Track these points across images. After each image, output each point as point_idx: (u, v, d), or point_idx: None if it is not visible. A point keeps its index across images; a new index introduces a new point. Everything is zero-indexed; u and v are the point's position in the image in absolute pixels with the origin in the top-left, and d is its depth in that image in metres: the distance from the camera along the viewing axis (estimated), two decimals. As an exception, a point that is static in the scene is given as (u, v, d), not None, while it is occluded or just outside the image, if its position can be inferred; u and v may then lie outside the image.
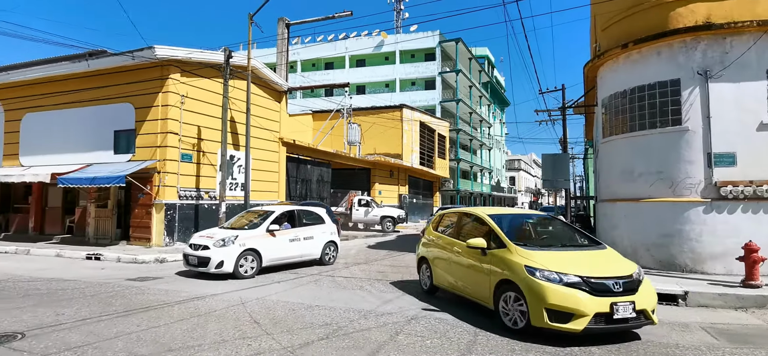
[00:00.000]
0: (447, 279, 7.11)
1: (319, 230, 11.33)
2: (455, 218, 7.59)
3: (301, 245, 10.68)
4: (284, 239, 10.36)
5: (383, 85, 48.21)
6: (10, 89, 17.56)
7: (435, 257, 7.54)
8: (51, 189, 17.23)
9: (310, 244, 10.94)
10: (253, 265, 9.61)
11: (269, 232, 10.07)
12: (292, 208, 11.46)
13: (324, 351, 4.80)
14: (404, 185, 33.41)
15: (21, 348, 4.81)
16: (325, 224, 11.60)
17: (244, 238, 9.61)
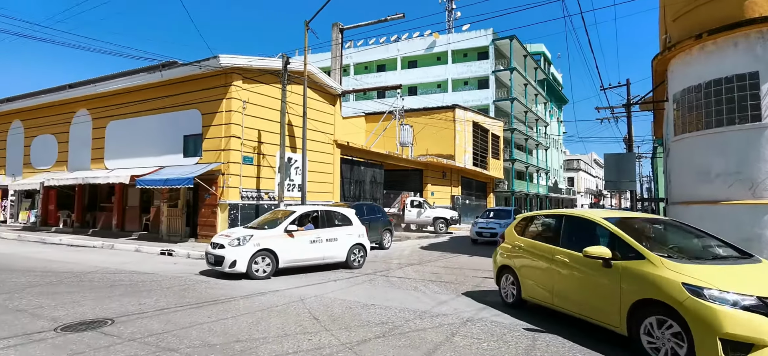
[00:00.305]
0: (541, 292, 6.23)
1: (345, 232, 10.84)
2: (552, 222, 6.65)
3: (322, 247, 10.28)
4: (304, 240, 10.00)
5: (435, 86, 47.96)
6: (97, 99, 19.42)
7: (524, 267, 6.71)
8: (130, 190, 18.83)
9: (333, 246, 10.48)
10: (268, 266, 9.40)
11: (287, 232, 9.77)
12: (316, 208, 11.09)
13: (381, 348, 4.92)
14: (457, 186, 33.03)
15: (111, 332, 5.35)
16: (353, 226, 11.14)
17: (260, 238, 9.44)
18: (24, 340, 5.03)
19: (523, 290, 6.69)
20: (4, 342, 4.97)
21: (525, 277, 6.67)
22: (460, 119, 32.15)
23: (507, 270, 7.18)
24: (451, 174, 32.08)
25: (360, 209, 15.39)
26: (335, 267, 10.81)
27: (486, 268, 11.36)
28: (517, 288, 6.83)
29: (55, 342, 4.96)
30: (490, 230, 17.88)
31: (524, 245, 6.84)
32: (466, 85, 47.02)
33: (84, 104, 20.09)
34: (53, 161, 21.24)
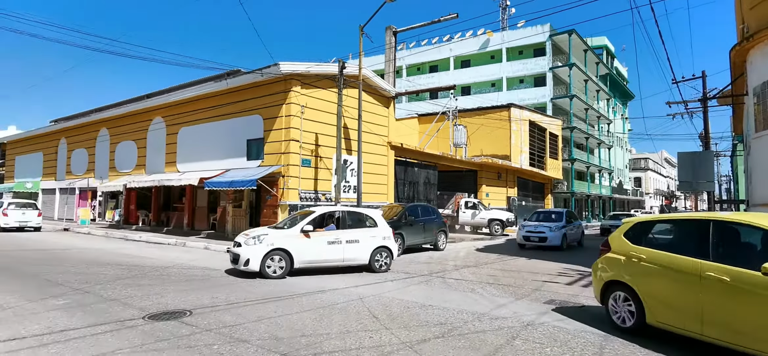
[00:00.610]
0: (681, 318, 5.03)
1: (368, 234, 10.45)
2: (690, 229, 5.43)
3: (342, 249, 9.99)
4: (321, 240, 9.83)
5: (489, 85, 47.00)
6: (169, 107, 21.01)
7: (648, 285, 5.46)
8: (199, 191, 20.19)
9: (355, 248, 10.14)
10: (282, 265, 9.37)
11: (303, 232, 9.67)
12: (339, 209, 10.85)
13: (441, 349, 4.97)
14: (513, 187, 32.16)
15: (190, 322, 5.83)
16: (377, 228, 10.69)
17: (275, 237, 9.45)
18: (119, 326, 5.61)
19: (649, 313, 5.41)
20: (102, 327, 5.57)
21: (651, 297, 5.41)
22: (516, 119, 31.27)
23: (618, 287, 5.88)
24: (507, 175, 31.29)
25: (414, 211, 15.48)
26: (359, 269, 10.46)
27: (545, 271, 11.02)
28: (639, 310, 5.55)
29: (144, 329, 5.48)
30: (538, 235, 16.23)
31: (647, 258, 5.55)
32: (521, 83, 45.65)
33: (159, 112, 21.82)
34: (133, 164, 23.25)
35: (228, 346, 4.92)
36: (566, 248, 16.53)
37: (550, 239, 15.94)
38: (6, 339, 5.04)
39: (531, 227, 16.75)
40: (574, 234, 17.69)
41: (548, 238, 15.99)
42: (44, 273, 9.47)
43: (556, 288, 8.92)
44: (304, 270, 9.91)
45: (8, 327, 5.50)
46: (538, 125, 34.96)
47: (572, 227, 17.39)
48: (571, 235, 17.21)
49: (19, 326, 5.57)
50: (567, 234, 16.60)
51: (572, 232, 17.32)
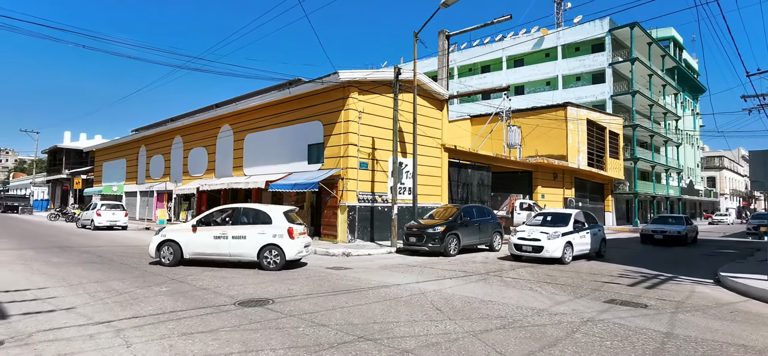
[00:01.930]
0: None
1: (257, 231, 10.52)
2: None
3: (228, 244, 10.51)
4: (208, 235, 10.63)
5: (543, 84, 45.80)
6: (237, 115, 22.65)
7: None
8: (263, 192, 21.57)
9: (240, 244, 10.50)
10: (171, 255, 10.61)
11: (192, 227, 10.81)
12: (235, 206, 11.52)
13: (503, 338, 5.34)
14: (569, 187, 31.27)
15: (274, 309, 6.60)
16: (271, 225, 10.57)
17: (169, 231, 10.93)
18: (216, 310, 6.48)
19: None
20: (203, 310, 6.46)
21: None
22: (573, 117, 30.40)
23: None
24: (563, 175, 30.49)
25: (469, 211, 15.73)
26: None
27: (606, 273, 10.93)
28: None
29: (237, 314, 6.30)
30: (532, 242, 12.57)
31: None
32: (578, 80, 44.09)
33: (227, 120, 23.55)
34: (204, 169, 25.23)
35: (311, 329, 5.59)
36: (571, 260, 12.68)
37: (546, 249, 12.27)
38: (131, 317, 6.03)
39: (525, 233, 13.11)
40: (586, 243, 13.52)
41: (544, 247, 12.31)
42: (142, 266, 10.80)
43: (618, 288, 8.91)
44: (197, 260, 10.90)
45: (130, 308, 6.53)
46: (596, 123, 33.73)
47: (584, 233, 13.49)
48: (581, 244, 13.21)
49: (137, 307, 6.59)
50: (574, 243, 12.80)
51: (582, 240, 13.29)
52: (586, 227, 13.79)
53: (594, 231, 14.04)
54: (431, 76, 27.17)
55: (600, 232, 14.50)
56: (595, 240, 14.01)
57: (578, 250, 13.07)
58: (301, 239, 10.83)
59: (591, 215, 15.05)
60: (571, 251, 12.74)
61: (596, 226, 14.50)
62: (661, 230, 19.85)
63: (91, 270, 10.03)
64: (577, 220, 13.66)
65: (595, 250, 14.06)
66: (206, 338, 5.15)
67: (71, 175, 44.13)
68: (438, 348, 4.90)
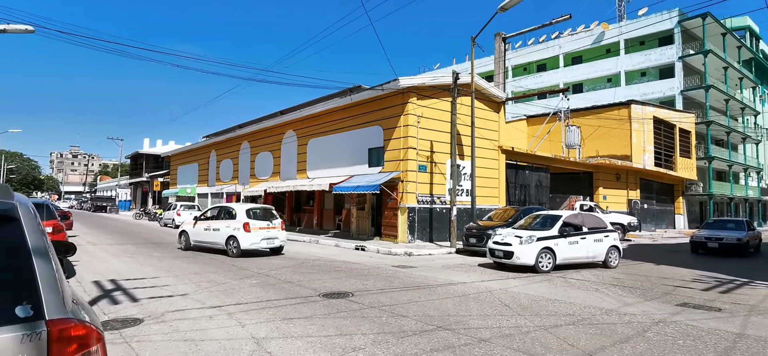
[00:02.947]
0: None
1: (224, 224, 13.41)
2: None
3: (211, 234, 13.69)
4: (200, 227, 14.07)
5: (604, 81, 43.97)
6: (300, 121, 23.99)
7: None
8: (326, 194, 22.73)
9: (216, 234, 13.54)
10: (184, 242, 14.47)
11: (193, 221, 14.52)
12: (220, 206, 14.66)
13: (573, 333, 5.69)
14: (634, 188, 29.96)
15: (355, 300, 7.32)
16: (234, 220, 13.23)
17: (183, 224, 15.08)
18: (304, 300, 7.31)
19: None
20: (293, 300, 7.31)
21: None
22: (637, 116, 29.11)
23: None
24: (627, 176, 29.30)
25: (528, 213, 15.77)
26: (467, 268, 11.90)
27: (678, 277, 10.73)
28: None
29: (323, 303, 7.08)
30: (503, 248, 11.22)
31: None
32: (643, 76, 41.91)
33: (291, 126, 25.00)
34: (270, 172, 26.90)
35: (393, 319, 6.23)
36: (549, 270, 10.90)
37: (516, 255, 10.85)
38: (236, 304, 6.98)
39: (499, 237, 11.70)
40: (582, 250, 11.62)
41: (514, 253, 10.90)
42: (228, 261, 12.02)
43: (690, 293, 8.82)
44: (199, 247, 14.21)
45: (232, 296, 7.52)
46: (664, 121, 32.04)
47: (578, 239, 11.59)
48: (572, 251, 11.44)
49: (238, 296, 7.57)
50: (558, 250, 11.11)
51: (574, 247, 11.46)
52: (584, 232, 11.75)
53: (597, 238, 11.93)
54: (486, 76, 27.11)
55: (608, 239, 12.12)
56: (599, 248, 11.92)
57: (567, 258, 11.39)
58: (259, 233, 13.11)
59: (598, 219, 12.82)
60: (552, 260, 11.03)
61: (602, 232, 12.16)
62: (716, 237, 16.42)
63: (188, 263, 11.35)
64: (570, 223, 11.73)
65: (601, 259, 11.98)
66: (304, 322, 5.94)
67: (150, 178, 48.33)
68: (511, 339, 5.35)
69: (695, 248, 16.95)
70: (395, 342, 5.15)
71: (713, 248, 16.26)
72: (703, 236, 16.89)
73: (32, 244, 1.78)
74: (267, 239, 13.21)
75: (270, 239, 13.29)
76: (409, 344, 5.09)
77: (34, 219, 1.93)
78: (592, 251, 11.79)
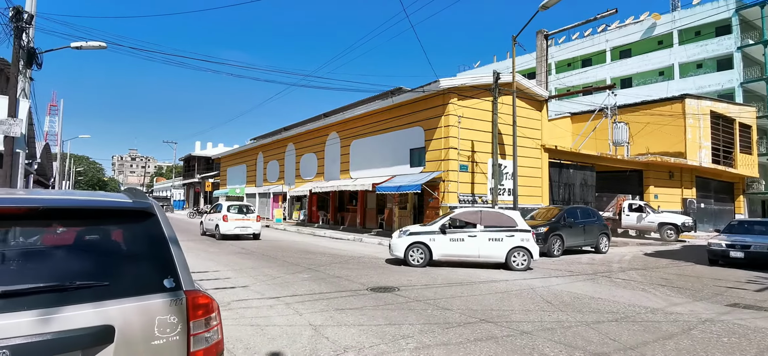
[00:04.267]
0: None
1: (214, 216, 18.93)
2: None
3: (212, 225, 18.93)
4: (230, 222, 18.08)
5: (655, 75, 41.98)
6: (343, 123, 24.75)
7: None
8: (368, 194, 23.34)
9: (212, 224, 19.11)
10: (215, 233, 18.62)
11: (222, 218, 18.13)
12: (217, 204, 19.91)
13: (616, 329, 5.83)
14: (689, 187, 28.53)
15: (401, 294, 7.75)
16: (219, 213, 18.61)
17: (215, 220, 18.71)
18: (353, 293, 7.83)
19: None
20: (343, 293, 7.85)
21: None
22: (692, 111, 27.71)
23: None
24: (681, 174, 27.97)
25: (573, 213, 15.63)
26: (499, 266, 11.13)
27: (732, 279, 10.40)
28: None
29: (371, 296, 7.56)
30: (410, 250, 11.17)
31: None
32: (699, 68, 39.68)
33: (334, 128, 25.82)
34: (314, 173, 27.88)
35: (438, 311, 6.60)
36: (421, 264, 11.00)
37: (392, 249, 11.47)
38: (292, 295, 7.60)
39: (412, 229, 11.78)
40: (463, 247, 11.10)
41: (391, 246, 11.53)
42: (280, 257, 12.81)
43: (743, 294, 8.60)
44: (229, 236, 17.98)
45: (288, 289, 8.16)
46: (722, 115, 30.28)
47: (465, 235, 11.13)
48: (453, 248, 11.10)
49: (293, 288, 8.20)
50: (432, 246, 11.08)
51: (454, 243, 11.10)
52: (475, 231, 11.13)
53: (495, 237, 11.12)
54: (528, 73, 26.78)
55: (512, 239, 11.10)
56: (497, 248, 11.07)
57: (447, 255, 11.13)
58: (235, 222, 17.94)
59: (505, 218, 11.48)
60: (425, 255, 11.05)
61: (505, 231, 11.17)
62: (742, 244, 12.21)
63: (244, 259, 12.22)
64: (462, 220, 11.37)
65: (500, 260, 11.13)
66: (355, 313, 6.43)
67: (202, 179, 51.09)
68: (553, 332, 5.59)
69: (714, 260, 12.76)
70: (441, 332, 5.53)
71: (737, 259, 12.17)
72: (725, 242, 12.59)
73: (167, 234, 2.33)
74: (241, 228, 17.98)
75: (244, 227, 18.05)
76: (454, 334, 5.46)
77: (164, 214, 2.48)
78: (486, 250, 11.10)
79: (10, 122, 10.93)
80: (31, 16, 12.14)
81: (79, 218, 2.23)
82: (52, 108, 72.30)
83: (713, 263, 12.70)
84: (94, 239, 2.28)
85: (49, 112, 73.82)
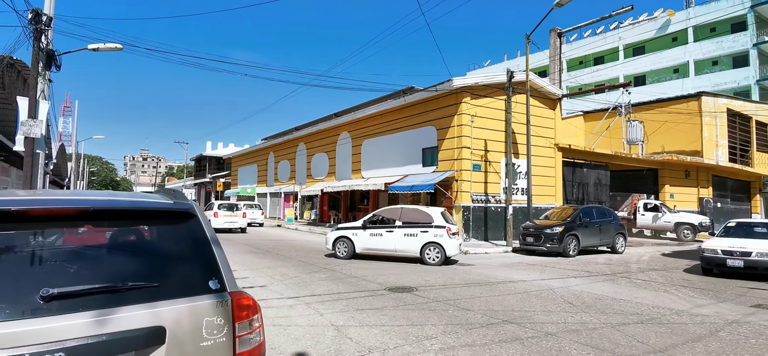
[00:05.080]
0: None
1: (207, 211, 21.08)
2: None
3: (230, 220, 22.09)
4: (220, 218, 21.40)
5: (670, 72, 41.41)
6: (355, 123, 24.76)
7: None
8: (380, 193, 23.30)
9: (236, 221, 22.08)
10: None
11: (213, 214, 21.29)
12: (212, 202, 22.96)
13: (642, 331, 5.74)
14: (705, 186, 28.08)
15: (420, 294, 7.71)
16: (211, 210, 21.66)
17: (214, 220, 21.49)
18: (371, 294, 7.81)
19: None
20: (362, 292, 7.83)
21: None
22: (709, 109, 27.25)
23: None
24: (697, 173, 27.54)
25: (589, 212, 15.45)
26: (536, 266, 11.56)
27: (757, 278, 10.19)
28: None
29: (390, 297, 7.53)
30: None
31: None
32: (714, 65, 39.07)
33: (345, 127, 25.84)
34: (326, 173, 27.93)
35: (459, 312, 6.56)
36: (345, 257, 12.23)
37: (326, 242, 13.01)
38: (311, 295, 7.61)
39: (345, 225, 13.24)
40: (381, 241, 12.01)
41: (326, 239, 13.07)
42: (294, 256, 12.84)
43: (766, 294, 8.42)
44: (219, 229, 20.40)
45: (306, 288, 8.17)
46: (739, 113, 29.75)
47: (383, 230, 12.06)
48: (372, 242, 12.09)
49: (311, 288, 8.21)
50: (355, 240, 12.25)
51: (373, 238, 12.13)
52: (393, 226, 11.97)
53: (410, 232, 11.76)
54: (540, 71, 26.56)
55: (426, 235, 11.62)
56: (411, 243, 11.71)
57: (368, 248, 12.17)
58: (224, 218, 21.27)
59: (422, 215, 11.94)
60: (349, 248, 12.29)
61: (420, 227, 11.73)
62: (742, 252, 10.29)
63: (259, 258, 12.27)
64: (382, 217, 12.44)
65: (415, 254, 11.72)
66: (376, 313, 6.41)
67: (213, 179, 51.47)
68: (578, 334, 5.52)
69: (708, 269, 10.86)
70: (464, 332, 5.49)
71: (736, 269, 10.29)
72: (721, 248, 10.58)
73: (209, 235, 2.32)
74: (229, 223, 21.34)
75: (232, 222, 21.45)
76: (478, 335, 5.41)
77: (204, 215, 2.48)
78: (402, 245, 11.85)
79: (31, 123, 11.08)
80: (50, 18, 12.29)
81: (125, 218, 2.23)
82: (66, 109, 73.34)
83: (707, 272, 10.86)
84: (140, 240, 2.28)
85: (63, 113, 74.98)
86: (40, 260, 1.94)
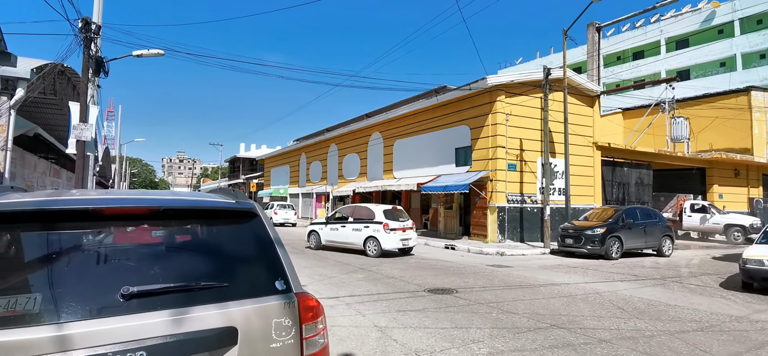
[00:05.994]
0: None
1: None
2: None
3: None
4: None
5: (716, 66, 39.33)
6: (386, 123, 24.74)
7: None
8: (413, 193, 23.19)
9: None
10: None
11: None
12: None
13: (704, 339, 5.41)
14: (756, 186, 26.50)
15: (460, 297, 7.58)
16: None
17: None
18: (412, 295, 7.72)
19: None
20: (402, 294, 7.76)
21: None
22: (759, 103, 25.70)
23: None
24: (748, 172, 26.03)
25: (632, 213, 14.84)
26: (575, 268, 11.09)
27: None
28: None
29: (430, 298, 7.43)
30: None
31: None
32: (762, 58, 36.83)
33: (377, 128, 25.86)
34: (357, 173, 28.05)
35: (502, 315, 6.39)
36: (315, 248, 14.96)
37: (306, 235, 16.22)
38: (350, 295, 7.60)
39: None
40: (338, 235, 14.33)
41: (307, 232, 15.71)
42: (330, 257, 12.92)
43: (839, 303, 7.81)
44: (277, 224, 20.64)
45: (344, 289, 8.18)
46: (794, 108, 27.87)
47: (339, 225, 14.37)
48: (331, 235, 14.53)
49: (350, 288, 8.21)
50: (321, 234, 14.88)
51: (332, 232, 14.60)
52: (346, 222, 14.07)
53: (356, 228, 13.62)
54: (576, 68, 25.73)
55: (367, 230, 13.29)
56: (356, 236, 13.58)
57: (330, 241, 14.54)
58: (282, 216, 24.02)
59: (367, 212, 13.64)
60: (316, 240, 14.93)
61: (362, 223, 13.48)
62: None
63: (296, 258, 12.40)
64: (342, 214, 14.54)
65: (359, 246, 13.54)
66: (418, 315, 6.33)
67: (247, 179, 52.72)
68: (635, 342, 5.25)
69: (749, 283, 8.87)
70: (511, 337, 5.33)
71: None
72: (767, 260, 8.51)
73: (272, 235, 2.31)
74: (284, 219, 24.05)
75: (285, 218, 24.44)
76: (527, 339, 5.24)
77: (266, 215, 2.47)
78: (350, 238, 13.83)
79: (82, 126, 11.61)
80: (99, 26, 12.86)
81: (192, 218, 2.24)
82: (110, 114, 76.94)
83: (748, 287, 8.96)
84: (207, 239, 2.28)
85: (107, 117, 78.66)
86: (116, 258, 1.96)
